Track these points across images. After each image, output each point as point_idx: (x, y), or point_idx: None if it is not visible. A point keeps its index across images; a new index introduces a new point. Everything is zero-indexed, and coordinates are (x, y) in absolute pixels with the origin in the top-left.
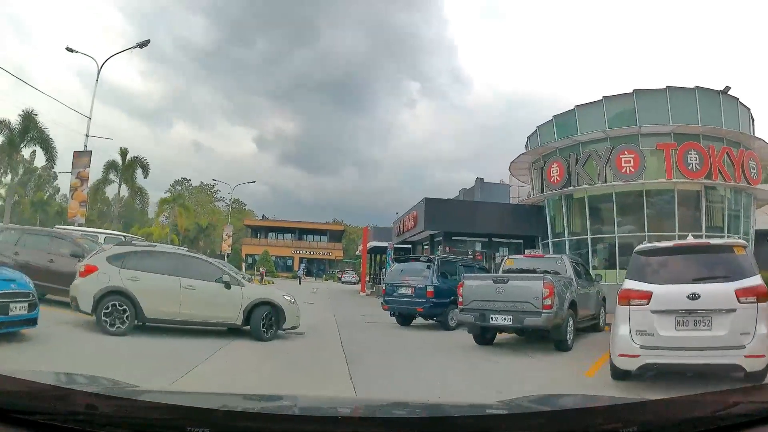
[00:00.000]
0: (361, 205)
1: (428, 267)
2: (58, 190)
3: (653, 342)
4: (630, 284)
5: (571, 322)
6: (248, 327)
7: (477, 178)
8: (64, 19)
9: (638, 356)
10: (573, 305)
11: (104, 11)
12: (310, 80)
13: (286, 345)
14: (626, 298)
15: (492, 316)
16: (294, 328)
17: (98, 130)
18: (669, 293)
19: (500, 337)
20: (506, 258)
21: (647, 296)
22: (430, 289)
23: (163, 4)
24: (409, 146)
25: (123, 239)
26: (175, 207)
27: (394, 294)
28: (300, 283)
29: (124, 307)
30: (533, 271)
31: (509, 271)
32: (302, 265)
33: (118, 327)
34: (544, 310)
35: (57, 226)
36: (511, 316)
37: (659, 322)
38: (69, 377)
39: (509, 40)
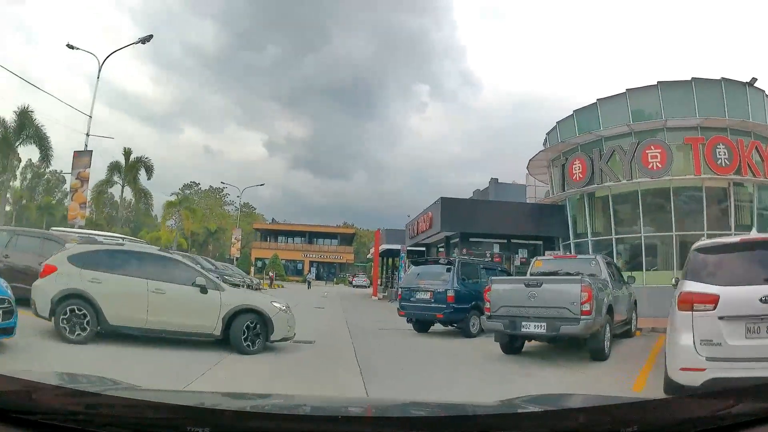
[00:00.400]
0: (372, 208)
1: (448, 270)
2: (66, 194)
3: (721, 353)
4: (692, 286)
5: (608, 329)
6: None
7: (491, 178)
8: (72, 24)
9: (704, 370)
10: (610, 310)
11: (113, 17)
12: (320, 84)
13: (293, 356)
14: (689, 302)
15: (523, 323)
16: (285, 339)
17: (112, 135)
18: (739, 296)
19: (528, 344)
20: (535, 259)
21: (714, 300)
22: (450, 293)
23: (172, 10)
24: (419, 149)
25: (121, 241)
26: (181, 210)
27: (411, 299)
28: (309, 288)
29: (84, 312)
30: (565, 273)
31: (538, 273)
32: (312, 269)
33: (78, 334)
34: (582, 317)
35: (53, 228)
36: (544, 324)
37: (727, 329)
38: (69, 377)
39: (517, 41)
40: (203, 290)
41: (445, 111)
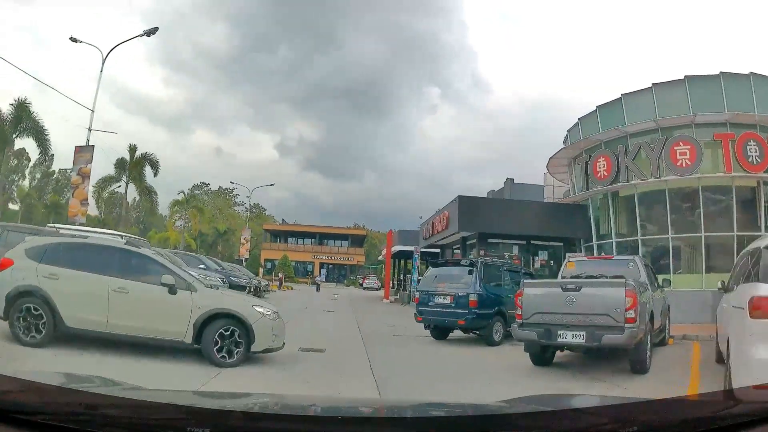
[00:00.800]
0: (383, 210)
1: (470, 272)
2: None
3: None
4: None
5: (649, 338)
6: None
7: (507, 178)
8: (82, 25)
9: None
10: (651, 317)
11: (124, 19)
12: (331, 86)
13: (303, 367)
14: (763, 308)
15: (560, 332)
16: (270, 351)
17: (130, 140)
18: None
19: (558, 354)
20: (566, 260)
21: None
22: (473, 297)
23: (183, 12)
24: (430, 151)
25: (120, 239)
26: (188, 209)
27: (430, 303)
28: (318, 290)
29: (40, 311)
30: (602, 276)
31: (572, 276)
32: (322, 271)
33: (33, 336)
34: (627, 325)
35: (49, 224)
36: (584, 333)
37: None
38: (69, 377)
39: (527, 43)
40: (172, 290)
41: (455, 113)
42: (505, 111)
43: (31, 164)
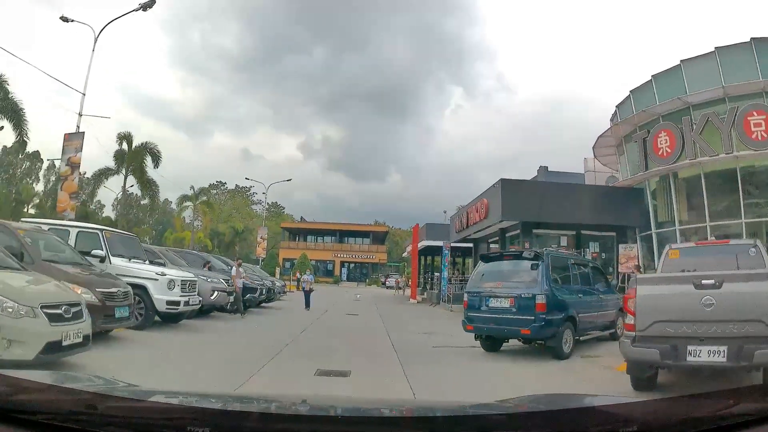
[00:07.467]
0: (406, 210)
1: (534, 267)
2: (84, 193)
3: None
4: None
5: None
6: None
7: (540, 166)
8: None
9: None
10: None
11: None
12: (355, 88)
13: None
14: None
15: (690, 348)
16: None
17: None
18: None
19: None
20: (668, 249)
21: None
22: (540, 300)
23: (204, 14)
24: (452, 150)
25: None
26: (198, 204)
27: (482, 308)
28: (308, 307)
29: None
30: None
31: (676, 269)
32: (343, 270)
33: None
34: None
35: (23, 219)
36: (725, 348)
37: None
38: (69, 377)
39: (550, 38)
40: None
41: (479, 112)
42: (528, 107)
43: (44, 167)
